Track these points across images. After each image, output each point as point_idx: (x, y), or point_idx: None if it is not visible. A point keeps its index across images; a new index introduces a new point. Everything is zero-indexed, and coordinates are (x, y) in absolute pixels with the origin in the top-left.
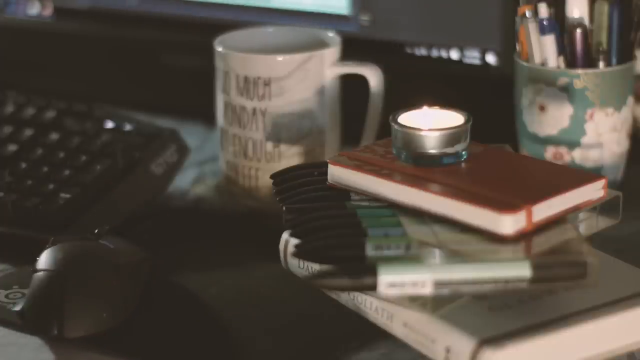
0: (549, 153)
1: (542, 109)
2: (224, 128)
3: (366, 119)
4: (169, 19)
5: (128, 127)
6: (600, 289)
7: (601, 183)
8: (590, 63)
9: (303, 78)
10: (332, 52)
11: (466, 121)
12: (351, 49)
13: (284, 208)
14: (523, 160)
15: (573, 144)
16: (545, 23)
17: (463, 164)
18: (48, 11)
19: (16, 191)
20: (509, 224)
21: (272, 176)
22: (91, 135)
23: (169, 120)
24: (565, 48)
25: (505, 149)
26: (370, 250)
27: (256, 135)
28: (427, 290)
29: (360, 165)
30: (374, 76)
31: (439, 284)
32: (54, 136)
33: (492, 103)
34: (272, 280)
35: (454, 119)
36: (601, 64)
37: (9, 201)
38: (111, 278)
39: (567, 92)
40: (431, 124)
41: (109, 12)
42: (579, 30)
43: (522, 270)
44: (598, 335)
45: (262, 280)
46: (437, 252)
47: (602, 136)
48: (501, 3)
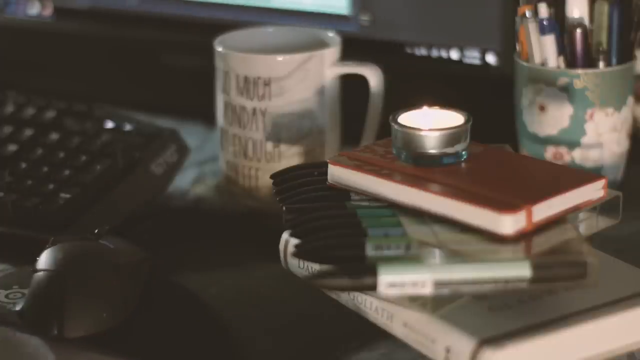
0: (549, 153)
1: (542, 109)
2: (224, 128)
3: (366, 119)
4: (169, 19)
5: (128, 127)
6: (600, 289)
7: (601, 183)
8: (590, 63)
9: (303, 78)
10: (332, 52)
11: (466, 121)
12: (351, 49)
13: (284, 208)
14: (523, 160)
15: (573, 144)
16: (545, 23)
17: (463, 164)
18: (48, 11)
19: (16, 191)
20: (509, 224)
21: (272, 176)
22: (91, 135)
23: (169, 120)
24: (565, 48)
25: (505, 149)
26: (370, 250)
27: (256, 135)
28: (427, 290)
29: (360, 165)
30: (374, 76)
31: (439, 284)
32: (54, 136)
33: (492, 103)
34: (272, 280)
35: (454, 119)
36: (601, 64)
37: (9, 201)
38: (111, 278)
39: (567, 92)
40: (431, 124)
41: (109, 12)
42: (579, 30)
43: (522, 270)
44: (598, 335)
45: (262, 280)
46: (437, 252)
47: (602, 136)
48: (501, 3)
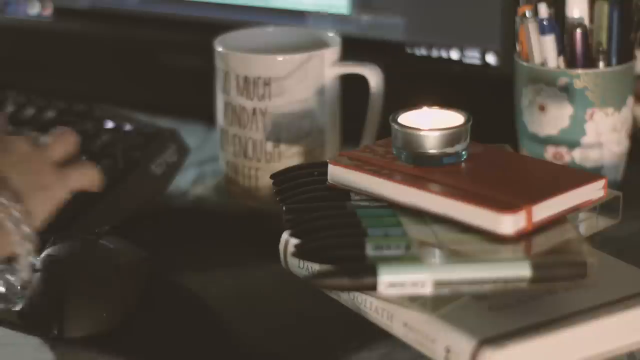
0: (549, 153)
1: (542, 109)
2: (224, 128)
3: (366, 119)
4: (169, 19)
5: (128, 127)
6: (600, 289)
7: (601, 183)
8: (590, 63)
9: (303, 78)
10: (332, 52)
11: (466, 121)
12: (351, 49)
13: (284, 208)
14: (523, 160)
15: (573, 144)
16: (545, 23)
17: (463, 164)
18: (48, 11)
19: None
20: (509, 224)
21: (272, 176)
22: (91, 135)
23: (169, 120)
24: (565, 48)
25: (505, 149)
26: (370, 250)
27: (256, 135)
28: (427, 290)
29: (360, 165)
30: (374, 76)
31: (439, 284)
32: None
33: (492, 103)
34: (272, 280)
35: (454, 119)
36: (601, 64)
37: None
38: (111, 278)
39: (567, 92)
40: (431, 124)
41: (109, 12)
42: (579, 30)
43: (522, 270)
44: (598, 335)
45: (262, 280)
46: (437, 252)
47: (602, 136)
48: (501, 3)
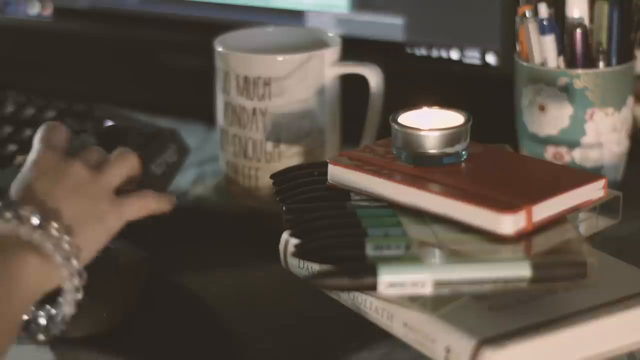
0: (549, 153)
1: (542, 109)
2: (224, 128)
3: (366, 119)
4: (169, 19)
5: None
6: (600, 289)
7: (601, 183)
8: (590, 63)
9: (303, 78)
10: (332, 52)
11: (466, 121)
12: (351, 49)
13: (284, 208)
14: (523, 160)
15: (573, 144)
16: (545, 23)
17: (463, 164)
18: (48, 11)
19: None
20: (509, 224)
21: (272, 176)
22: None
23: (169, 120)
24: (565, 48)
25: (505, 149)
26: (370, 250)
27: (256, 135)
28: (427, 290)
29: (360, 165)
30: (374, 76)
31: (439, 284)
32: None
33: (492, 103)
34: (272, 280)
35: (454, 119)
36: (601, 64)
37: None
38: (111, 278)
39: (567, 92)
40: (431, 124)
41: (109, 12)
42: (579, 30)
43: (522, 270)
44: (598, 335)
45: (262, 280)
46: (437, 252)
47: (602, 136)
48: (501, 3)
